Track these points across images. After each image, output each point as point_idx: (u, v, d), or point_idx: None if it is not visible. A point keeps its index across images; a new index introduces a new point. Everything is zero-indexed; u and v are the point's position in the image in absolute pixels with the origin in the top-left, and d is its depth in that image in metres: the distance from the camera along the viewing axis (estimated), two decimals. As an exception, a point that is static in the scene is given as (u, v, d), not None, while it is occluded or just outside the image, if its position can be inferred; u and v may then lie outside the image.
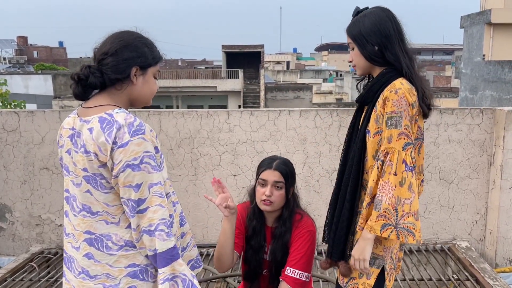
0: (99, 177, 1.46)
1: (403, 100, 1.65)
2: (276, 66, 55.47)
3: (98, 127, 1.42)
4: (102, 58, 1.50)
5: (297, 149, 3.59)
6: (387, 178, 1.63)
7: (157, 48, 1.63)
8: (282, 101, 28.20)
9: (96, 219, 1.49)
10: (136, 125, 1.43)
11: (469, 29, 19.55)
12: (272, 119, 3.56)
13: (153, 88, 1.62)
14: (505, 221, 3.39)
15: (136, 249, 1.49)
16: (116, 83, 1.51)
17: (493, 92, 17.07)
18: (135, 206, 1.42)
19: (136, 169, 1.40)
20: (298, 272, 2.04)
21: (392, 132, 1.65)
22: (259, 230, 2.16)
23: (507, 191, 3.34)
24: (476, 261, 3.24)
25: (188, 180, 3.66)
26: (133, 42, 1.53)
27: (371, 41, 1.73)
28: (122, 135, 1.40)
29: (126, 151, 1.39)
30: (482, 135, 3.43)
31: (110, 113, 1.45)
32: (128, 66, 1.51)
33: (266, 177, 2.06)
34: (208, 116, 3.58)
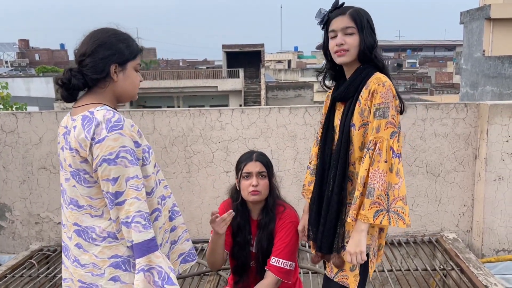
0: (82, 172, 1.53)
1: (389, 92, 1.73)
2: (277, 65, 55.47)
3: (80, 124, 1.50)
4: (81, 59, 1.55)
5: (287, 146, 3.68)
6: (376, 166, 1.69)
7: (134, 42, 1.65)
8: (283, 100, 28.28)
9: (82, 212, 1.57)
10: (114, 120, 1.48)
11: (468, 24, 19.55)
12: (262, 116, 3.65)
13: (135, 81, 1.66)
14: (490, 212, 3.47)
15: (119, 241, 1.56)
16: (98, 82, 1.56)
17: (493, 88, 17.08)
18: (113, 198, 1.49)
19: (112, 163, 1.46)
20: (282, 261, 2.13)
21: (380, 122, 1.71)
22: (244, 226, 2.24)
23: (492, 183, 3.43)
24: (461, 251, 3.33)
25: (182, 177, 3.76)
26: (108, 40, 1.57)
27: (371, 33, 1.81)
28: (100, 131, 1.46)
29: (103, 146, 1.46)
30: (467, 129, 3.52)
31: (91, 111, 1.52)
32: (106, 65, 1.55)
33: (249, 169, 2.17)
34: (200, 114, 3.68)
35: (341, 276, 1.86)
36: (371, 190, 1.70)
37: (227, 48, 32.46)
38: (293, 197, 3.61)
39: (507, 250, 3.54)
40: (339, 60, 1.83)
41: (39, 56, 52.87)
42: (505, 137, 3.38)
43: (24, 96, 23.86)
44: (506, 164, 3.41)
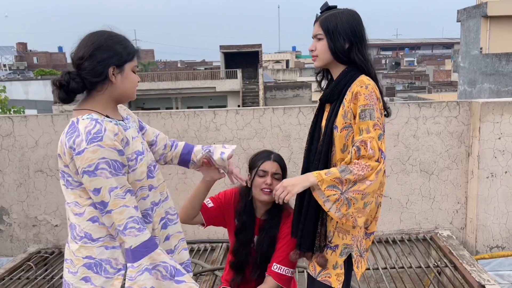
0: (66, 175, 1.58)
1: (373, 94, 1.75)
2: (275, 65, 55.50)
3: (65, 130, 1.54)
4: (79, 63, 1.56)
5: (282, 146, 3.71)
6: (366, 161, 1.70)
7: (130, 43, 1.66)
8: (282, 100, 28.30)
9: (70, 208, 1.61)
10: (94, 132, 1.48)
11: (465, 22, 19.58)
12: (257, 117, 3.68)
13: (134, 81, 1.67)
14: (483, 209, 3.50)
15: (94, 243, 1.57)
16: (96, 85, 1.57)
17: (491, 85, 17.12)
18: (101, 207, 1.52)
19: (92, 175, 1.48)
20: (284, 268, 2.15)
21: (368, 124, 1.73)
22: (249, 224, 2.24)
23: (485, 180, 3.46)
24: (455, 248, 3.36)
25: (177, 178, 3.78)
26: (105, 42, 1.58)
27: (344, 38, 1.81)
28: (79, 142, 1.48)
29: (82, 158, 1.47)
30: (460, 127, 3.55)
31: (78, 119, 1.53)
32: (104, 68, 1.56)
33: (266, 167, 2.17)
34: (195, 116, 3.71)
35: (324, 275, 1.87)
36: (347, 170, 1.71)
37: (224, 49, 32.48)
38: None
39: (501, 247, 3.57)
40: (315, 65, 1.93)
41: (37, 59, 52.89)
42: (497, 135, 3.41)
43: (23, 99, 23.89)
44: (498, 161, 3.44)
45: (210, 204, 2.32)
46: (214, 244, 3.76)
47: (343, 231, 1.84)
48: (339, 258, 1.86)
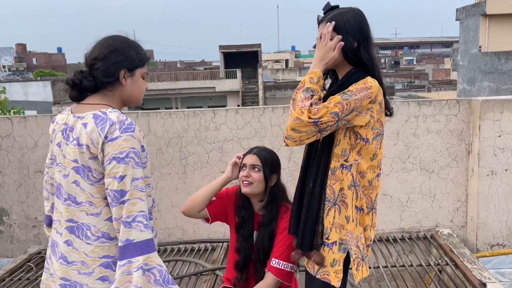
0: (87, 169, 1.57)
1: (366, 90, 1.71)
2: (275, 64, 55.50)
3: (93, 122, 1.56)
4: (93, 63, 1.63)
5: (282, 145, 3.70)
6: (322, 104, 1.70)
7: (143, 50, 1.73)
8: (281, 100, 28.30)
9: (79, 208, 1.60)
10: (127, 123, 1.56)
11: (464, 21, 19.59)
12: (256, 116, 3.68)
13: (142, 87, 1.73)
14: (484, 207, 3.50)
15: (112, 241, 1.59)
16: (107, 85, 1.64)
17: (490, 83, 17.13)
18: (117, 196, 1.52)
19: (121, 162, 1.52)
20: (282, 263, 2.15)
21: (336, 98, 1.69)
22: (247, 219, 2.28)
23: (485, 178, 3.45)
24: (456, 246, 3.35)
25: (177, 178, 3.78)
26: (120, 46, 1.65)
27: (352, 36, 1.78)
28: (113, 130, 1.53)
29: (114, 144, 1.52)
30: (460, 125, 3.54)
31: (104, 111, 1.58)
32: (116, 70, 1.62)
33: (245, 161, 2.24)
34: (195, 115, 3.70)
35: (323, 273, 1.86)
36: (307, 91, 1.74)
37: (224, 49, 32.48)
38: (288, 195, 3.63)
39: (501, 245, 3.57)
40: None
41: (36, 60, 52.87)
42: (497, 132, 3.41)
43: (22, 100, 23.88)
44: (498, 159, 3.44)
45: (213, 198, 2.36)
46: (215, 243, 3.76)
47: (338, 225, 1.84)
48: (338, 254, 1.84)
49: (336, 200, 1.82)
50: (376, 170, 1.87)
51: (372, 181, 1.85)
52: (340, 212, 1.83)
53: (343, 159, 1.80)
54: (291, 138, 1.74)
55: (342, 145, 1.81)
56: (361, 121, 1.75)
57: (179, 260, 3.56)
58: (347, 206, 1.82)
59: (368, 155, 1.81)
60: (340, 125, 1.74)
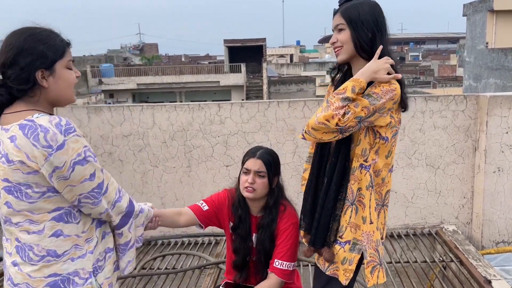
0: (24, 186, 1.37)
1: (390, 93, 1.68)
2: (279, 59, 55.36)
3: (21, 134, 1.33)
4: (2, 71, 1.39)
5: (286, 139, 3.69)
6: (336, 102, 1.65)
7: (57, 37, 1.45)
8: (286, 94, 28.27)
9: (19, 229, 1.43)
10: (64, 124, 1.36)
11: (471, 17, 19.42)
12: (261, 110, 3.66)
13: (70, 81, 1.48)
14: (490, 204, 3.48)
15: (60, 258, 1.45)
16: (26, 92, 1.40)
17: (497, 80, 17.00)
18: (99, 191, 1.45)
19: (84, 163, 1.39)
20: (286, 263, 2.13)
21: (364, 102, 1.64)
22: (245, 219, 2.21)
23: (491, 175, 3.43)
24: (461, 243, 3.33)
25: (182, 171, 3.77)
26: (25, 44, 1.38)
27: (367, 27, 1.73)
28: (54, 137, 1.33)
29: (67, 151, 1.34)
30: (467, 121, 3.51)
31: (29, 119, 1.36)
32: (30, 74, 1.37)
33: (249, 166, 2.13)
34: (200, 109, 3.69)
35: (333, 269, 1.85)
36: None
37: (229, 43, 32.41)
38: (292, 190, 3.61)
39: (507, 242, 3.55)
40: (338, 59, 1.82)
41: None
42: (505, 129, 3.37)
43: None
44: (505, 155, 3.41)
45: (205, 207, 2.27)
46: (219, 237, 3.76)
47: (354, 225, 1.80)
48: (349, 253, 1.81)
49: (354, 200, 1.79)
50: (389, 166, 1.84)
51: (385, 178, 1.82)
52: (356, 212, 1.79)
53: (362, 159, 1.76)
54: (311, 135, 1.71)
55: (363, 145, 1.76)
56: (382, 122, 1.72)
57: (182, 253, 3.57)
58: (364, 207, 1.78)
59: (384, 153, 1.78)
60: (362, 126, 1.71)
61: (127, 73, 29.91)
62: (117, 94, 29.85)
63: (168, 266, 3.37)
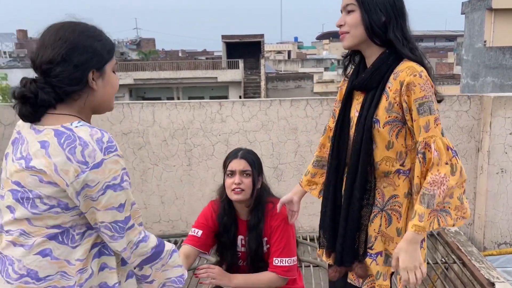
0: (35, 195, 1.20)
1: (428, 82, 1.48)
2: (277, 55, 55.29)
3: (55, 142, 1.18)
4: (48, 68, 1.22)
5: (288, 138, 3.65)
6: (436, 170, 1.46)
7: (107, 36, 1.33)
8: (283, 91, 28.22)
9: (5, 237, 1.25)
10: (106, 141, 1.21)
11: (470, 15, 19.43)
12: (263, 109, 3.62)
13: (115, 86, 1.36)
14: (492, 205, 3.46)
15: (40, 283, 1.23)
16: (72, 94, 1.25)
17: (494, 79, 17.02)
18: (123, 226, 1.27)
19: (118, 188, 1.23)
20: (285, 259, 2.08)
21: (428, 119, 1.47)
22: (230, 226, 2.16)
23: (494, 176, 3.41)
24: (463, 244, 3.31)
25: (182, 170, 3.73)
26: (80, 40, 1.24)
27: (380, 9, 1.51)
28: (93, 153, 1.18)
29: (103, 171, 1.20)
30: (470, 122, 3.49)
31: (68, 127, 1.20)
32: (83, 73, 1.24)
33: (233, 167, 2.07)
34: (201, 107, 3.65)
35: (370, 282, 1.67)
36: (430, 198, 1.45)
37: (226, 39, 32.30)
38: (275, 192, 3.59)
39: (509, 243, 3.53)
40: (344, 45, 1.61)
41: (37, 47, 52.47)
42: (509, 130, 3.35)
43: (23, 87, 23.79)
44: (509, 157, 3.39)
45: (198, 232, 2.20)
46: (219, 237, 3.72)
47: (387, 236, 1.62)
48: (383, 267, 1.63)
49: (385, 206, 1.61)
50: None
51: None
52: (389, 221, 1.62)
53: (399, 163, 1.59)
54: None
55: (396, 148, 1.58)
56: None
57: (182, 253, 3.53)
58: (400, 217, 1.60)
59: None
60: (394, 128, 1.56)
61: (124, 68, 29.78)
62: (114, 89, 29.69)
63: (168, 266, 3.33)
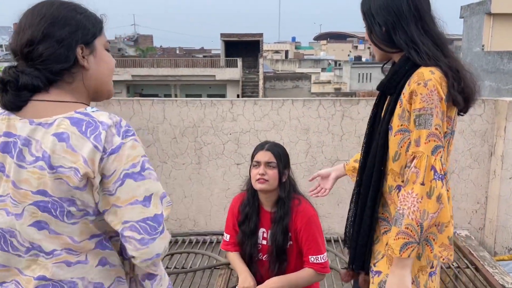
0: (67, 202, 1.05)
1: (434, 94, 1.36)
2: (274, 55, 55.31)
3: (76, 131, 1.03)
4: (29, 50, 1.07)
5: (300, 139, 3.61)
6: (410, 187, 1.37)
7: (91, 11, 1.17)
8: (281, 91, 28.20)
9: (53, 260, 1.09)
10: (124, 124, 1.09)
11: (468, 19, 19.52)
12: (275, 108, 3.58)
13: (111, 64, 1.20)
14: (504, 210, 3.44)
15: None
16: (63, 75, 1.10)
17: (492, 83, 17.09)
18: (155, 225, 1.08)
19: (139, 178, 1.07)
20: (320, 256, 2.13)
21: (421, 133, 1.38)
22: (251, 216, 2.21)
23: (507, 181, 3.39)
24: (475, 249, 3.29)
25: (191, 168, 3.69)
26: (60, 13, 1.09)
27: (378, 20, 1.47)
28: (110, 138, 1.04)
29: (121, 157, 1.05)
30: (484, 126, 3.47)
31: (84, 112, 1.07)
32: (69, 48, 1.08)
33: (259, 158, 2.14)
34: (212, 105, 3.60)
35: None
36: (399, 216, 1.39)
37: (225, 37, 32.22)
38: (304, 191, 3.54)
39: (520, 249, 3.52)
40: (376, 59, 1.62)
41: (34, 41, 52.17)
42: (523, 135, 3.33)
43: (20, 81, 23.58)
44: (522, 162, 3.37)
45: (227, 237, 2.33)
46: (227, 236, 3.68)
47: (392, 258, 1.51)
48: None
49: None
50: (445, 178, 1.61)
51: None
52: None
53: (401, 179, 1.50)
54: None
55: (402, 162, 1.48)
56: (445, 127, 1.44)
57: (191, 252, 3.49)
58: None
59: None
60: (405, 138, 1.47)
61: (122, 64, 29.62)
62: (111, 85, 29.55)
63: (177, 266, 3.28)
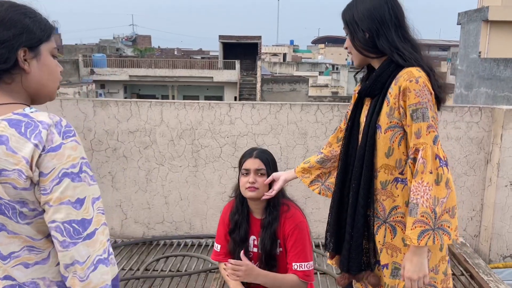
0: (19, 204, 1.05)
1: (425, 89, 1.50)
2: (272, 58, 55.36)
3: (15, 132, 1.03)
4: None
5: (297, 143, 3.62)
6: (420, 178, 1.48)
7: (42, 16, 1.18)
8: (278, 93, 28.21)
9: (12, 263, 1.10)
10: (64, 125, 1.08)
11: (466, 25, 19.61)
12: (273, 112, 3.58)
13: (56, 70, 1.20)
14: (500, 218, 3.45)
15: None
16: (2, 76, 1.10)
17: (488, 89, 17.18)
18: (79, 229, 1.06)
19: (76, 179, 1.06)
20: (304, 264, 2.09)
21: (420, 126, 1.51)
22: (241, 224, 2.18)
23: (503, 188, 3.40)
24: (470, 256, 3.30)
25: (188, 171, 3.68)
26: (7, 15, 1.09)
27: (362, 27, 1.58)
28: (51, 137, 1.04)
29: (61, 155, 1.04)
30: (480, 133, 3.48)
31: (23, 113, 1.06)
32: (10, 50, 1.08)
33: (248, 166, 2.11)
34: (210, 108, 3.60)
35: None
36: (413, 206, 1.48)
37: (224, 39, 32.23)
38: (301, 195, 3.56)
39: (515, 256, 3.53)
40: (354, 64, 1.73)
41: (31, 39, 51.98)
42: (519, 143, 3.35)
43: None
44: (518, 170, 3.39)
45: (217, 247, 2.30)
46: (223, 240, 3.67)
47: (392, 247, 1.62)
48: (389, 279, 1.63)
49: (387, 218, 1.63)
50: None
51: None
52: (394, 233, 1.62)
53: (398, 171, 1.59)
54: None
55: (396, 155, 1.59)
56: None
57: (186, 255, 3.48)
58: (404, 227, 1.59)
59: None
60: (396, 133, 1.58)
61: (120, 64, 29.56)
62: (108, 85, 29.50)
63: (172, 268, 3.28)
